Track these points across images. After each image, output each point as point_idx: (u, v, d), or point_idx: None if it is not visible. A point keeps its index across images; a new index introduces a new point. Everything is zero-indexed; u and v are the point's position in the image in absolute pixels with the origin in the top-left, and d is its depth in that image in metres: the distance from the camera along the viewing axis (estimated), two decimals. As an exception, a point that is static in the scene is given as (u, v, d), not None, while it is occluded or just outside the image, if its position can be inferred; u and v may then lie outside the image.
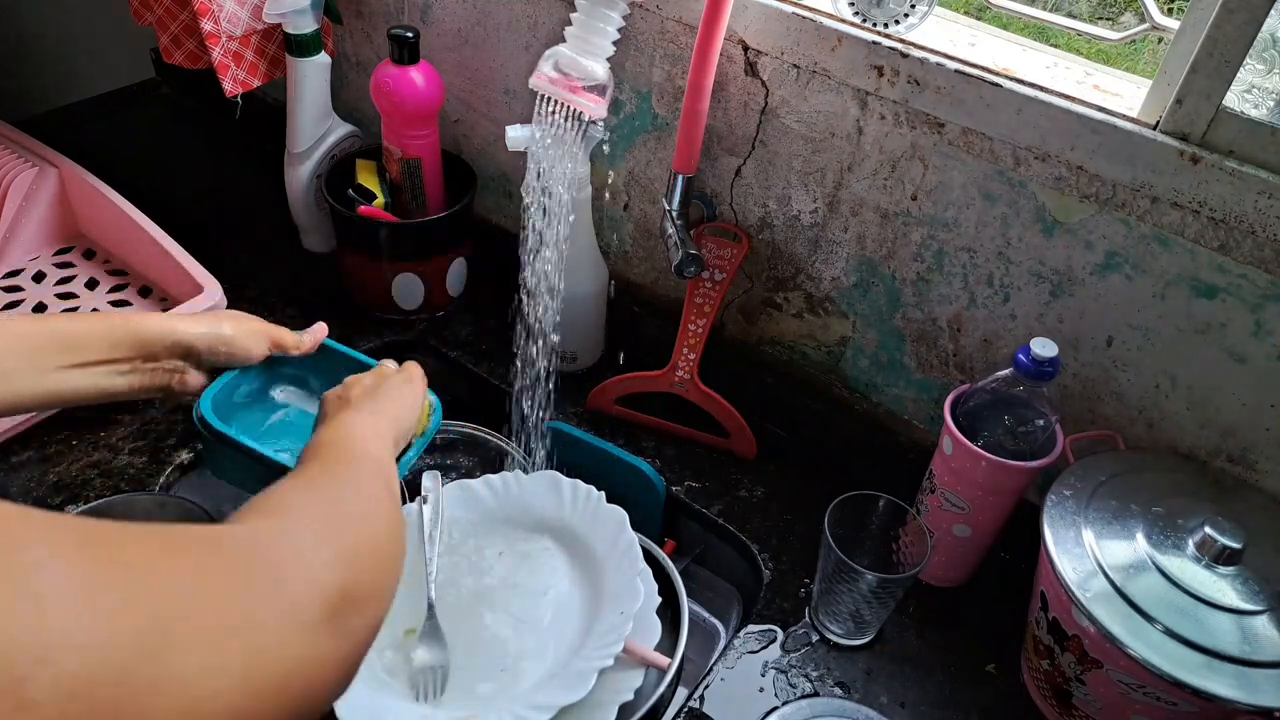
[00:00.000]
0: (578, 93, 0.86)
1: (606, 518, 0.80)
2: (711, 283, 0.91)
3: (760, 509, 0.90)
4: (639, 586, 0.73)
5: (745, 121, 0.86)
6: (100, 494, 0.82)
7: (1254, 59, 0.64)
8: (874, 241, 0.85)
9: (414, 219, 1.02)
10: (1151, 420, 0.78)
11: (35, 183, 1.06)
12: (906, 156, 0.79)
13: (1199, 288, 0.71)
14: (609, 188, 1.00)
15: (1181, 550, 0.66)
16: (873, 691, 0.76)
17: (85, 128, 1.32)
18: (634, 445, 0.94)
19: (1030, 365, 0.71)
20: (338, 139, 1.08)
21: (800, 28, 0.78)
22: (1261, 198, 0.64)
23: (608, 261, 1.00)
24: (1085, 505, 0.70)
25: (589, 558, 0.79)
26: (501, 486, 0.85)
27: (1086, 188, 0.71)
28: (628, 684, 0.71)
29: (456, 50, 1.04)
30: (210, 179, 1.27)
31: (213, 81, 1.02)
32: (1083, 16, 0.92)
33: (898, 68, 0.74)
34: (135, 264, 1.06)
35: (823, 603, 0.78)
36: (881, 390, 0.93)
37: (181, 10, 1.01)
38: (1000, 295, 0.80)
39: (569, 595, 0.77)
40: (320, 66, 1.02)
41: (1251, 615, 0.63)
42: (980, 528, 0.79)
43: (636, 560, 0.76)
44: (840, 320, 0.91)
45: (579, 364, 1.03)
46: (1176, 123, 0.67)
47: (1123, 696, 0.66)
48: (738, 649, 0.78)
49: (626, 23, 0.87)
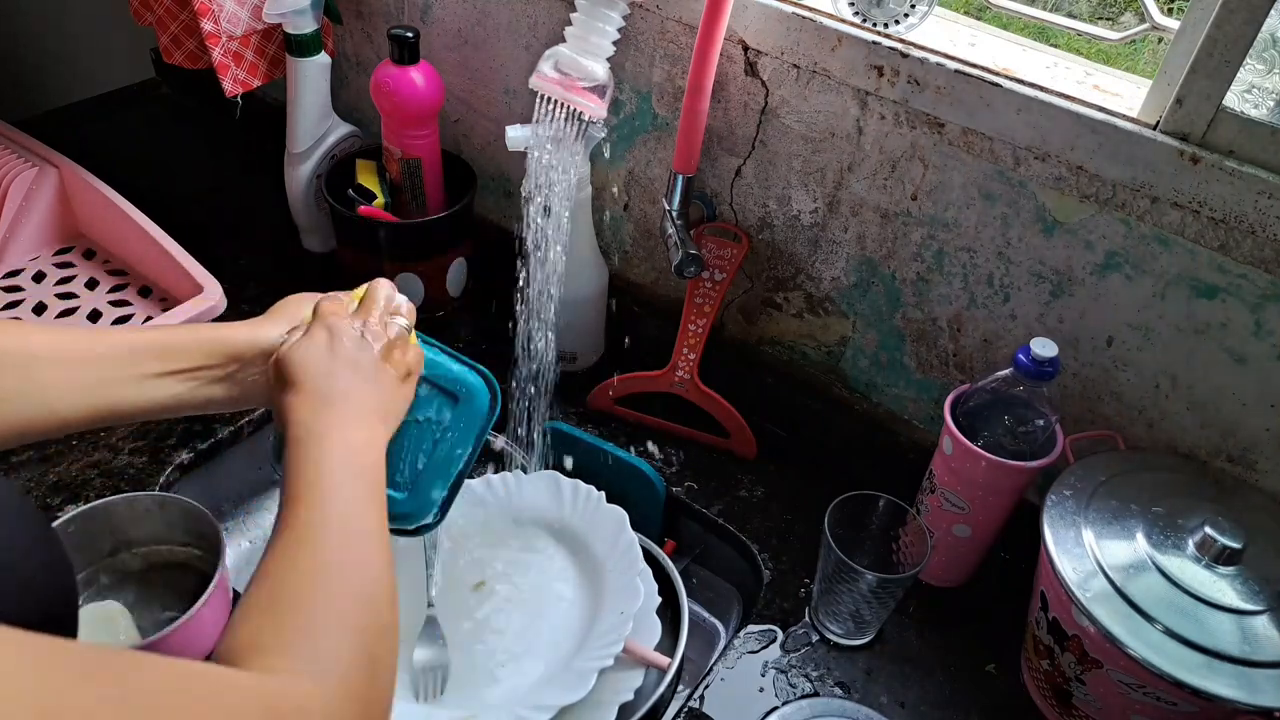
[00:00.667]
0: (578, 93, 0.86)
1: (606, 518, 0.80)
2: (711, 283, 0.91)
3: (760, 509, 0.90)
4: (639, 586, 0.73)
5: (745, 121, 0.86)
6: (100, 494, 0.82)
7: (1254, 59, 0.64)
8: (874, 241, 0.85)
9: (414, 219, 1.02)
10: (1151, 420, 0.78)
11: (35, 183, 1.06)
12: (906, 156, 0.79)
13: (1199, 288, 0.71)
14: (609, 188, 1.00)
15: (1181, 550, 0.66)
16: (873, 691, 0.76)
17: (85, 128, 1.32)
18: (634, 445, 0.94)
19: (1030, 365, 0.71)
20: (338, 139, 1.08)
21: (800, 28, 0.77)
22: (1261, 198, 0.64)
23: (608, 261, 1.00)
24: (1085, 505, 0.70)
25: (589, 558, 0.79)
26: (501, 486, 0.85)
27: (1086, 188, 0.71)
28: (628, 684, 0.71)
29: (456, 50, 1.04)
30: (210, 179, 1.27)
31: (213, 81, 1.02)
32: (1083, 16, 0.92)
33: (898, 68, 0.74)
34: (135, 264, 1.06)
35: (823, 603, 0.78)
36: (881, 390, 0.93)
37: (181, 10, 1.01)
38: (1000, 295, 0.80)
39: (569, 595, 0.77)
40: (320, 66, 1.02)
41: (1251, 615, 0.63)
42: (980, 528, 0.79)
43: (636, 560, 0.76)
44: (840, 320, 0.91)
45: (579, 364, 1.03)
46: (1176, 123, 0.67)
47: (1123, 696, 0.66)
48: (738, 649, 0.78)
49: (626, 23, 0.87)
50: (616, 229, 1.03)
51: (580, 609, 0.76)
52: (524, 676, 0.71)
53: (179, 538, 0.78)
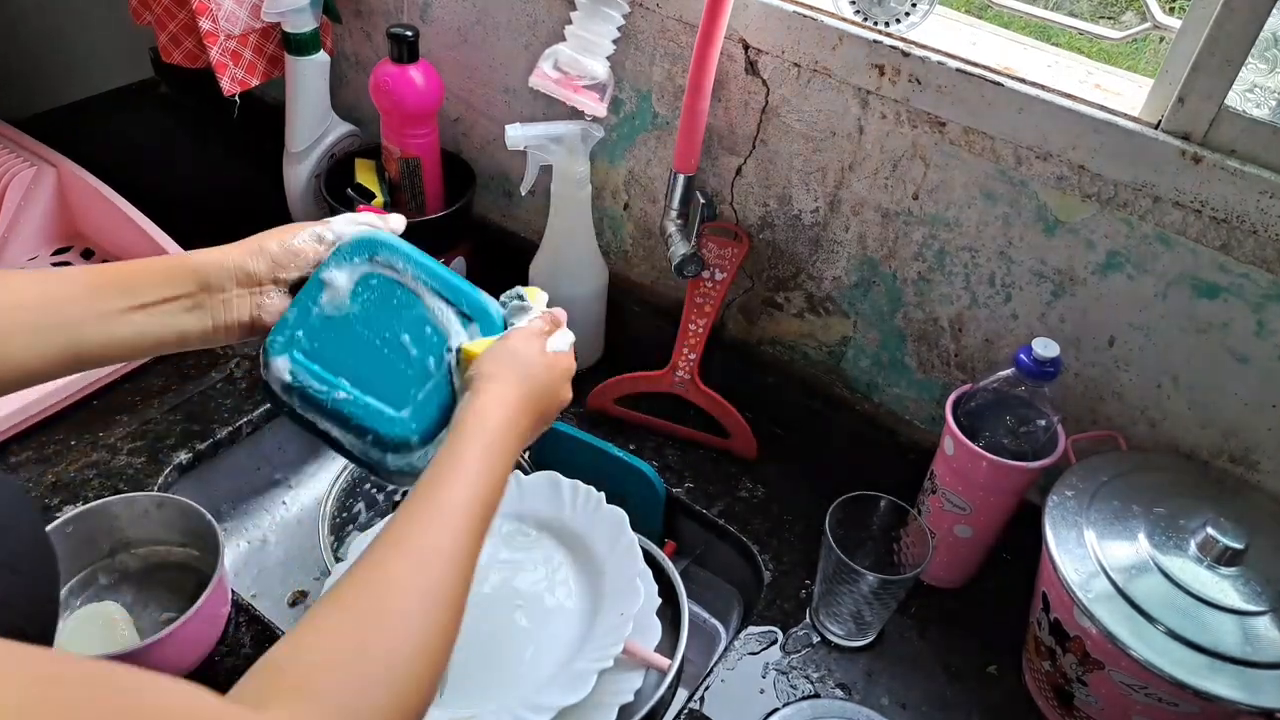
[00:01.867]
0: (578, 91, 0.86)
1: (606, 518, 0.80)
2: (712, 282, 0.91)
3: (760, 509, 0.90)
4: (639, 587, 0.73)
5: (746, 120, 0.86)
6: (99, 494, 0.82)
7: (1256, 58, 0.64)
8: (875, 241, 0.85)
9: (413, 218, 1.02)
10: (1153, 420, 0.78)
11: (34, 182, 1.06)
12: (908, 155, 0.79)
13: (1201, 287, 0.70)
14: (609, 187, 1.00)
15: (1183, 551, 0.66)
16: (874, 693, 0.76)
17: (84, 127, 1.32)
18: (634, 445, 0.94)
19: (1032, 365, 0.70)
20: (336, 138, 1.08)
21: (801, 26, 0.77)
22: (1264, 197, 0.64)
23: (608, 261, 1.00)
24: (1087, 506, 0.70)
25: (589, 558, 0.79)
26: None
27: (1088, 187, 0.71)
28: (628, 685, 0.70)
29: (456, 49, 1.03)
30: (209, 178, 1.27)
31: (211, 80, 1.01)
32: (1084, 15, 0.92)
33: (899, 66, 0.74)
34: (134, 263, 1.06)
35: (823, 603, 0.78)
36: (882, 390, 0.93)
37: (180, 9, 1.01)
38: (1002, 295, 0.80)
39: (569, 596, 0.77)
40: (319, 65, 1.02)
41: (1253, 616, 0.63)
42: (981, 528, 0.78)
43: (636, 561, 0.75)
44: (841, 320, 0.91)
45: (579, 364, 1.02)
46: (1178, 122, 0.66)
47: (1124, 697, 0.66)
48: (738, 650, 0.78)
49: (626, 21, 0.86)
50: (616, 229, 1.03)
51: (580, 610, 0.76)
52: (524, 677, 0.71)
53: (177, 538, 0.78)
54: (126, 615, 0.74)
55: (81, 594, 0.76)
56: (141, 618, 0.76)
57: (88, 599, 0.76)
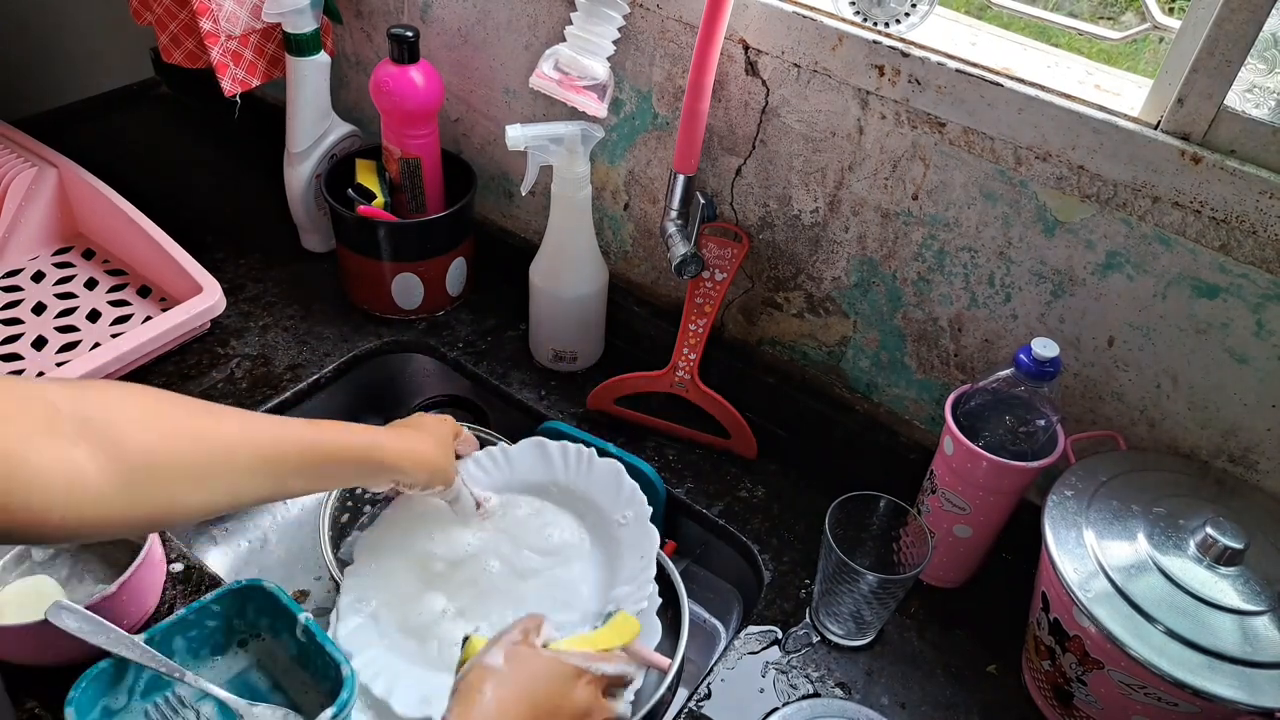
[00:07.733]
0: (578, 92, 0.86)
1: (603, 472, 0.81)
2: (712, 283, 0.91)
3: (760, 509, 0.90)
4: (652, 528, 0.74)
5: (746, 121, 0.86)
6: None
7: (1255, 58, 0.64)
8: (875, 241, 0.85)
9: (413, 219, 1.02)
10: (1153, 420, 0.78)
11: (34, 182, 1.06)
12: (907, 156, 0.79)
13: (1200, 288, 0.70)
14: (609, 187, 1.00)
15: (1183, 551, 0.66)
16: (873, 692, 0.76)
17: (84, 127, 1.32)
18: (634, 445, 0.94)
19: (1031, 365, 0.70)
20: (337, 138, 1.08)
21: (801, 27, 0.77)
22: (1263, 198, 0.64)
23: (608, 261, 1.00)
24: (1086, 506, 0.70)
25: (596, 513, 0.80)
26: (490, 461, 0.84)
27: (1087, 187, 0.71)
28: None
29: (456, 49, 1.04)
30: (210, 179, 1.27)
31: (212, 81, 1.02)
32: (1084, 16, 0.92)
33: (899, 67, 0.74)
34: (134, 264, 1.06)
35: (823, 603, 0.78)
36: (882, 390, 0.93)
37: (181, 9, 1.01)
38: (1001, 295, 0.80)
39: (584, 553, 0.78)
40: (319, 66, 1.02)
41: (1253, 616, 0.63)
42: (981, 528, 0.79)
43: (643, 504, 0.77)
44: (841, 320, 0.91)
45: (579, 364, 1.02)
46: (1178, 122, 0.66)
47: (1124, 697, 0.66)
48: (738, 650, 0.78)
49: (627, 22, 0.87)
50: (616, 229, 1.03)
51: (599, 564, 0.77)
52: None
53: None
54: (59, 589, 0.74)
55: (15, 570, 0.76)
56: (76, 592, 0.76)
57: (21, 574, 0.76)
